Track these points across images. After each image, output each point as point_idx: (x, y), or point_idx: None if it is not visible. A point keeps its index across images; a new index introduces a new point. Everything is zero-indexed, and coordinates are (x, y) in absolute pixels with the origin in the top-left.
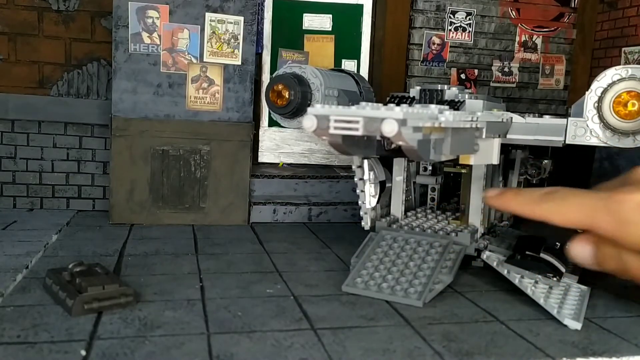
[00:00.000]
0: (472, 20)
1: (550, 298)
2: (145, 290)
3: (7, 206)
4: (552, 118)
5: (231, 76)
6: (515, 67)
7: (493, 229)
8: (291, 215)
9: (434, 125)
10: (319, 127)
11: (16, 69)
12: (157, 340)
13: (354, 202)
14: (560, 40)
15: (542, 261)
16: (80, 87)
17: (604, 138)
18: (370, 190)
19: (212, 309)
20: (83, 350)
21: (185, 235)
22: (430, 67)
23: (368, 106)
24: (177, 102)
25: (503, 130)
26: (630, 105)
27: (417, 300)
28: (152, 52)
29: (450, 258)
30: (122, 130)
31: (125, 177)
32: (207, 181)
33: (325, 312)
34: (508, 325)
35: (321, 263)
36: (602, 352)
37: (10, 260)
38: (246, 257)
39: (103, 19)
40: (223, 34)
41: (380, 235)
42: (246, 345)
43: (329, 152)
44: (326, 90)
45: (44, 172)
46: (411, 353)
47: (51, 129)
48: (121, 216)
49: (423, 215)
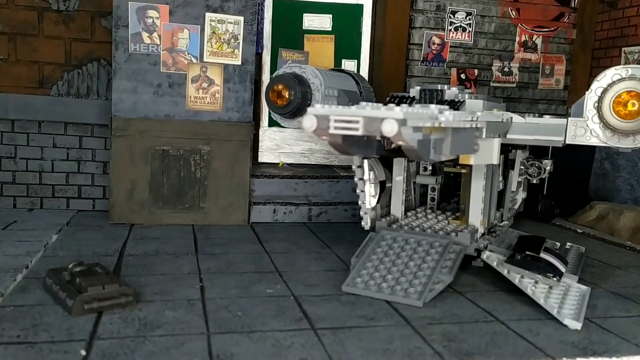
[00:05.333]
0: (472, 20)
1: (550, 298)
2: (145, 290)
3: (7, 206)
4: (552, 118)
5: (231, 76)
6: (515, 67)
7: (493, 229)
8: (291, 215)
9: (434, 125)
10: (319, 127)
11: (16, 69)
12: (157, 340)
13: (354, 202)
14: (560, 40)
15: (542, 261)
16: (80, 87)
17: (604, 138)
18: (370, 190)
19: (212, 309)
20: (83, 350)
21: (185, 235)
22: (430, 67)
23: (368, 106)
24: (177, 102)
25: (503, 130)
26: (630, 105)
27: (417, 300)
28: (152, 52)
29: (450, 258)
30: (122, 130)
31: (125, 177)
32: (207, 181)
33: (325, 312)
34: (508, 325)
35: (321, 263)
36: (602, 352)
37: (10, 260)
38: (246, 257)
39: (103, 19)
40: (223, 34)
41: (380, 235)
42: (246, 345)
43: (329, 152)
44: (326, 90)
45: (44, 172)
46: (411, 353)
47: (51, 129)
48: (121, 216)
49: (423, 215)
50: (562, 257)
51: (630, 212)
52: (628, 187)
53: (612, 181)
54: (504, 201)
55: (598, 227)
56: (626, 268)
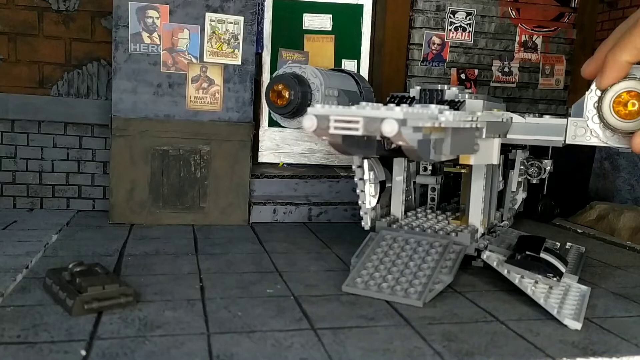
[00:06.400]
0: (472, 20)
1: (550, 298)
2: (145, 290)
3: (7, 206)
4: (552, 118)
5: (231, 76)
6: (515, 67)
7: (493, 229)
8: (291, 215)
9: (434, 125)
10: (319, 127)
11: (16, 69)
12: (157, 340)
13: (354, 202)
14: (560, 40)
15: (542, 261)
16: (80, 87)
17: (604, 138)
18: (370, 190)
19: (212, 309)
20: (83, 350)
21: (185, 235)
22: (430, 67)
23: (368, 106)
24: (177, 102)
25: (503, 130)
26: (630, 105)
27: (417, 300)
28: (152, 52)
29: (450, 258)
30: (122, 130)
31: (125, 177)
32: (207, 181)
33: (325, 312)
34: (508, 325)
35: (321, 263)
36: (602, 352)
37: (10, 260)
38: (246, 257)
39: (103, 19)
40: (223, 34)
41: (380, 235)
42: (246, 345)
43: (329, 152)
44: (326, 90)
45: (44, 172)
46: (411, 353)
47: (51, 129)
48: (121, 216)
49: (423, 215)
50: (562, 257)
51: (630, 212)
52: (628, 187)
53: (612, 181)
54: (504, 201)
55: (598, 227)
56: (626, 268)
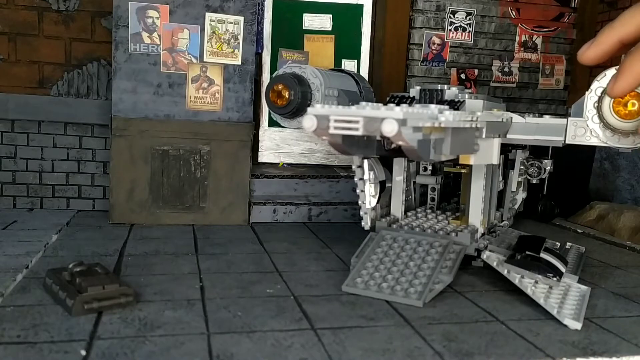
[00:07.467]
0: (472, 20)
1: (550, 298)
2: (145, 290)
3: (7, 206)
4: (552, 118)
5: (231, 76)
6: (515, 67)
7: (493, 229)
8: (291, 215)
9: (434, 125)
10: (319, 127)
11: (16, 69)
12: (157, 340)
13: (354, 202)
14: (560, 40)
15: (542, 261)
16: (80, 87)
17: (604, 138)
18: (370, 190)
19: (212, 309)
20: (83, 350)
21: (185, 235)
22: (430, 67)
23: (368, 106)
24: (177, 102)
25: (503, 130)
26: (630, 105)
27: (417, 300)
28: (152, 52)
29: (450, 258)
30: (122, 130)
31: (125, 177)
32: (207, 181)
33: (325, 312)
34: (508, 325)
35: (321, 263)
36: (602, 352)
37: (10, 260)
38: (246, 257)
39: (103, 19)
40: (223, 34)
41: (380, 235)
42: (246, 345)
43: (329, 152)
44: (326, 90)
45: (44, 172)
46: (411, 353)
47: (51, 129)
48: (121, 216)
49: (423, 215)
50: (562, 257)
51: (630, 212)
52: (628, 187)
53: (612, 181)
54: (504, 201)
55: (598, 227)
56: (626, 268)
